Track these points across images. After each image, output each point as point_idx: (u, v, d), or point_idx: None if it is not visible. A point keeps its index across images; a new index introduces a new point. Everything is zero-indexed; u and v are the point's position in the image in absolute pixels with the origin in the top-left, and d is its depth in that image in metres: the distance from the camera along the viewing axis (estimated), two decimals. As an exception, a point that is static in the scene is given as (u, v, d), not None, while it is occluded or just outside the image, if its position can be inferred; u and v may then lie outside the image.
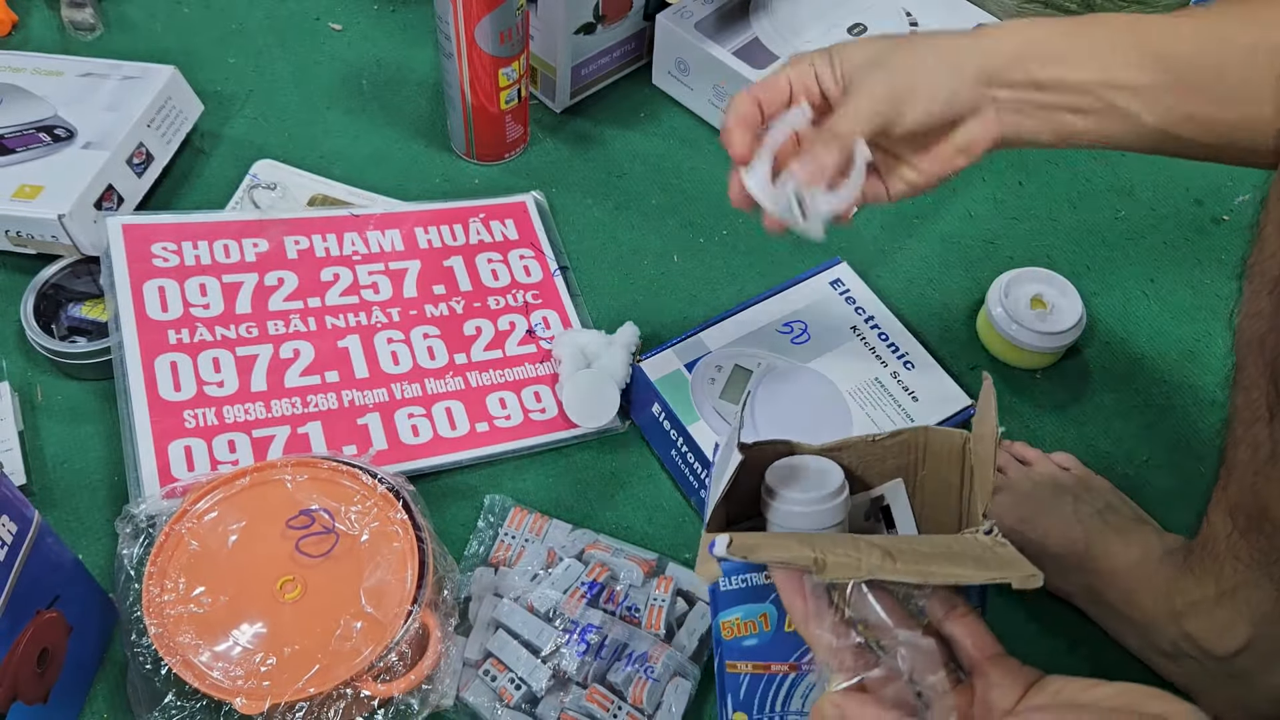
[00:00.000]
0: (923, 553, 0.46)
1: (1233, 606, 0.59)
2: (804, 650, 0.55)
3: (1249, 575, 0.58)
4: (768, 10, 0.96)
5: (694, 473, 0.71)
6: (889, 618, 0.46)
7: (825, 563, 0.44)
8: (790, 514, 0.54)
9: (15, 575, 0.53)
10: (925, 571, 0.44)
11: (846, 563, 0.44)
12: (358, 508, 0.63)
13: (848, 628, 0.46)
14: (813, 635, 0.47)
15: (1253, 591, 0.58)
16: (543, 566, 0.67)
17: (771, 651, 0.55)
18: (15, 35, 0.98)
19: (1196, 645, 0.61)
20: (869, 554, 0.45)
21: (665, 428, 0.72)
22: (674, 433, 0.72)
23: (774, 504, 0.55)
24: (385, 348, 0.77)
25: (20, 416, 0.73)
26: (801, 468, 0.57)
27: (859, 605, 0.46)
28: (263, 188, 0.87)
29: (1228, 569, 0.59)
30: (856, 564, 0.44)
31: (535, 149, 0.94)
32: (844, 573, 0.44)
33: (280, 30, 1.01)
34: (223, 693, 0.55)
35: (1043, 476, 0.72)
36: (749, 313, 0.78)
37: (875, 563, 0.44)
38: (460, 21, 0.80)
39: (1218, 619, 0.60)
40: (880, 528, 0.61)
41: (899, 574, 0.44)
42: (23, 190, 0.76)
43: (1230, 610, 0.60)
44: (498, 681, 0.62)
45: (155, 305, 0.73)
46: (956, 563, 0.45)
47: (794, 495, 0.54)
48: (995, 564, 0.46)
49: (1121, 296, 0.88)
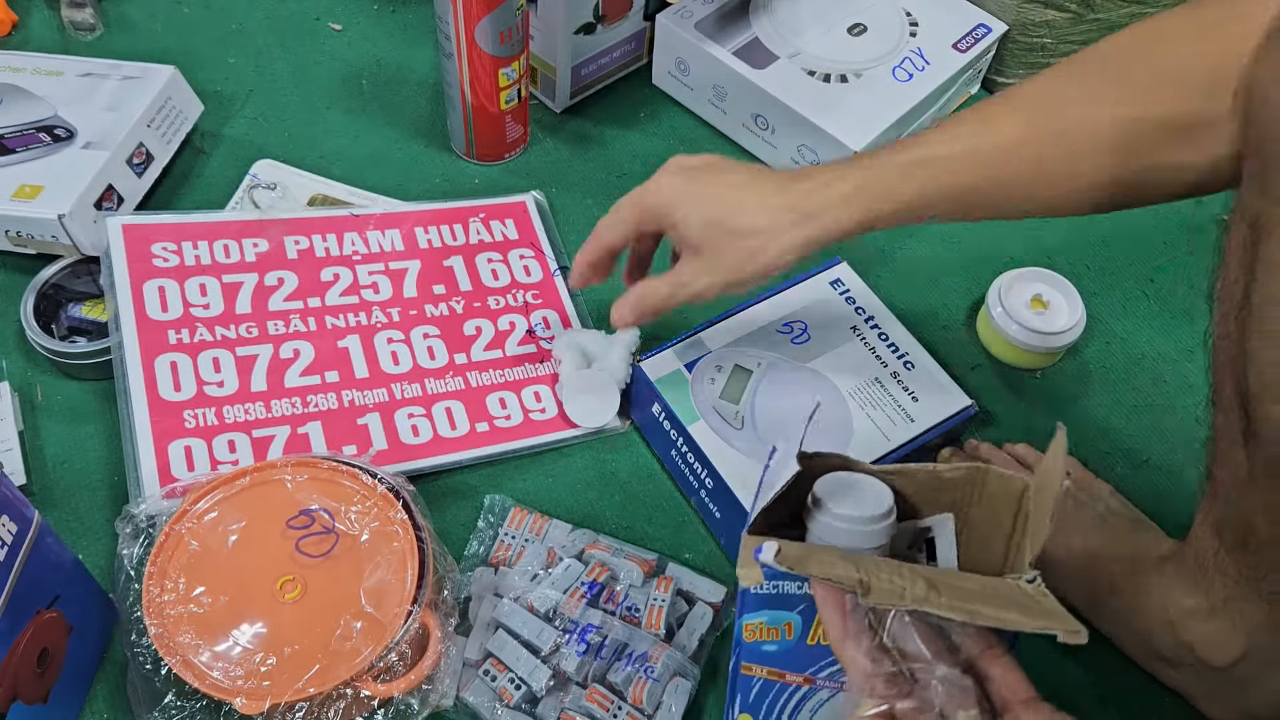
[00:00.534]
0: (967, 590, 0.46)
1: (1226, 619, 0.59)
2: (821, 665, 0.54)
3: (1238, 590, 0.58)
4: (768, 10, 0.96)
5: (694, 473, 0.71)
6: (927, 649, 0.46)
7: (870, 585, 0.44)
8: (834, 529, 0.53)
9: (15, 575, 0.53)
10: (970, 610, 0.43)
11: (891, 589, 0.44)
12: (358, 508, 0.63)
13: (884, 654, 0.46)
14: (848, 656, 0.47)
15: (1244, 605, 0.58)
16: (543, 566, 0.67)
17: (790, 661, 0.55)
18: (15, 35, 0.98)
19: (1194, 655, 0.61)
20: (914, 583, 0.44)
21: (665, 428, 0.72)
22: (674, 432, 0.71)
23: (819, 515, 0.54)
24: (385, 348, 0.77)
25: (20, 416, 0.73)
26: (854, 485, 0.55)
27: (899, 633, 0.46)
28: (263, 188, 0.87)
29: (1217, 584, 0.59)
30: (901, 592, 0.44)
31: (535, 149, 0.94)
32: (889, 599, 0.44)
33: (280, 30, 1.01)
34: (223, 693, 0.55)
35: None
36: (748, 313, 0.78)
37: (920, 593, 0.44)
38: (460, 21, 0.80)
39: (1212, 631, 0.60)
40: (921, 559, 0.59)
41: (944, 609, 0.43)
42: (23, 190, 0.76)
43: (1224, 622, 0.59)
44: (498, 681, 0.62)
45: (155, 305, 0.73)
46: (1001, 606, 0.44)
47: (841, 511, 0.53)
48: (1040, 614, 0.45)
49: (1121, 296, 0.88)
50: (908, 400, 0.74)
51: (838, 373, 0.75)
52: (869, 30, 0.96)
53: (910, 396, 0.74)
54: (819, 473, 0.56)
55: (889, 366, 0.76)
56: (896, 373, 0.76)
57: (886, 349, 0.77)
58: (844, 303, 0.80)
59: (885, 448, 0.72)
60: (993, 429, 0.79)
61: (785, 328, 0.77)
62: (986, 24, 0.97)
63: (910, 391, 0.75)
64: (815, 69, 0.92)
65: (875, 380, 0.75)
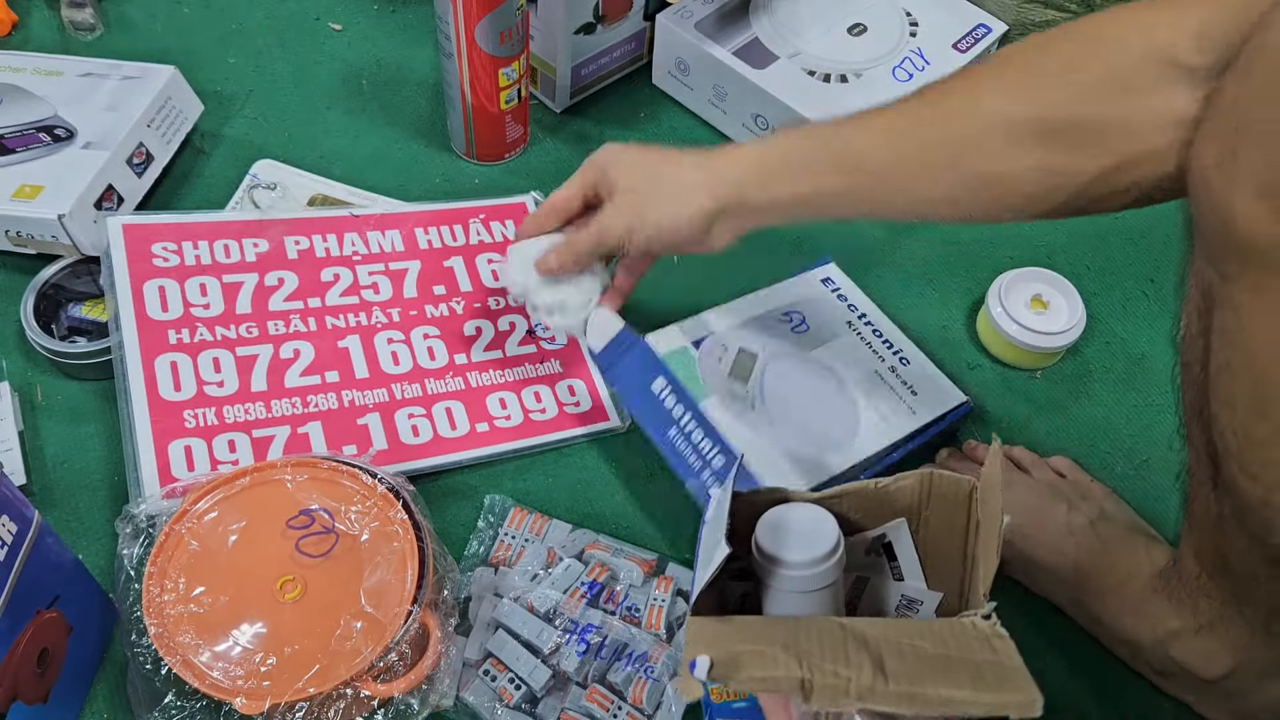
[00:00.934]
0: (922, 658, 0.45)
1: (1213, 638, 0.60)
2: None
3: (1222, 611, 0.58)
4: (768, 10, 0.96)
5: (699, 452, 0.68)
6: None
7: (813, 685, 0.43)
8: (787, 578, 0.53)
9: (15, 575, 0.53)
10: (917, 696, 0.43)
11: (835, 685, 0.43)
12: (358, 508, 0.63)
13: None
14: None
15: (1229, 627, 0.59)
16: (543, 566, 0.67)
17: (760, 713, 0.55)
18: (15, 35, 0.98)
19: (1183, 668, 0.62)
20: (860, 670, 0.44)
21: (667, 405, 0.70)
22: (679, 408, 0.69)
23: (770, 568, 0.53)
24: (385, 348, 0.77)
25: (20, 416, 0.73)
26: (795, 521, 0.55)
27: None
28: (263, 188, 0.87)
29: (1202, 605, 0.59)
30: (845, 686, 0.43)
31: (535, 149, 0.94)
32: (831, 699, 0.43)
33: (280, 30, 1.01)
34: (223, 693, 0.55)
35: (1038, 483, 0.72)
36: (749, 299, 0.78)
37: (866, 683, 0.43)
38: (460, 21, 0.80)
39: (1200, 647, 0.60)
40: (882, 563, 0.60)
41: (891, 701, 0.43)
42: (23, 190, 0.76)
43: (1211, 640, 0.60)
44: (498, 681, 0.62)
45: (155, 305, 0.73)
46: (953, 681, 0.44)
47: (791, 558, 0.53)
48: (994, 681, 0.44)
49: (1121, 296, 0.88)
50: (907, 394, 0.75)
51: (840, 362, 0.75)
52: (869, 30, 0.96)
53: (909, 390, 0.75)
54: (761, 509, 0.56)
55: (885, 361, 0.76)
56: (894, 367, 0.76)
57: (882, 344, 0.77)
58: (836, 300, 0.80)
59: (891, 437, 0.72)
60: (992, 429, 0.79)
61: (785, 316, 0.77)
62: (986, 24, 0.97)
63: (909, 385, 0.75)
64: (815, 69, 0.92)
65: (875, 373, 0.75)
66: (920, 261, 0.89)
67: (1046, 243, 0.90)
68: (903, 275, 0.87)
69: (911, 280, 0.87)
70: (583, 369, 0.79)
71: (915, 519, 0.58)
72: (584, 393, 0.78)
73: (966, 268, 0.88)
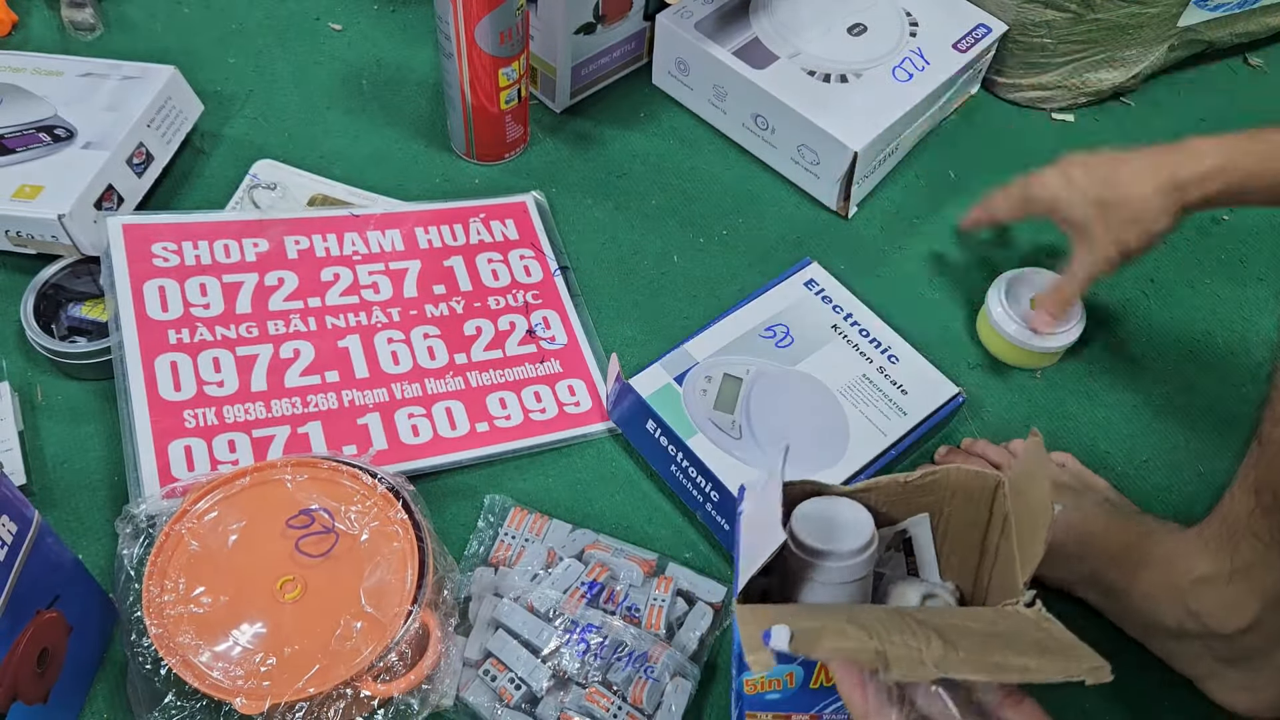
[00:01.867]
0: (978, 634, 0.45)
1: (1244, 584, 0.60)
2: (826, 704, 0.54)
3: (1265, 554, 0.59)
4: (768, 10, 0.96)
5: (697, 487, 0.70)
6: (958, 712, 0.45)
7: (889, 657, 0.42)
8: (825, 569, 0.54)
9: (15, 575, 0.53)
10: (993, 665, 0.42)
11: (909, 656, 0.43)
12: (357, 507, 0.63)
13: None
14: None
15: (1265, 572, 0.59)
16: (543, 566, 0.67)
17: (794, 704, 0.55)
18: (15, 35, 0.98)
19: (1201, 623, 0.62)
20: (929, 643, 0.43)
21: (662, 444, 0.71)
22: (672, 448, 0.70)
23: (809, 560, 0.54)
24: (385, 348, 0.77)
25: (20, 416, 0.73)
26: (830, 514, 0.56)
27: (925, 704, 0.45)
28: (263, 188, 0.87)
29: (1244, 546, 0.59)
30: (920, 658, 0.42)
31: (535, 149, 0.94)
32: (909, 670, 0.42)
33: (280, 30, 1.01)
34: (223, 693, 0.55)
35: None
36: (730, 321, 0.78)
37: (938, 654, 0.43)
38: (460, 21, 0.80)
39: (1227, 596, 0.60)
40: (900, 558, 0.60)
41: (967, 669, 0.42)
42: (23, 190, 0.76)
43: (1241, 588, 0.60)
44: (498, 681, 0.62)
45: (155, 305, 0.73)
46: (1019, 650, 0.43)
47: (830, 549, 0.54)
48: (1057, 651, 0.44)
49: (1121, 296, 0.88)
50: (897, 394, 0.74)
51: (826, 372, 0.75)
52: (869, 30, 0.96)
53: (899, 390, 0.75)
54: (794, 500, 0.56)
55: (874, 362, 0.76)
56: (882, 367, 0.76)
57: (869, 344, 0.77)
58: (821, 302, 0.80)
59: (883, 443, 0.72)
60: (992, 429, 0.79)
61: (768, 332, 0.77)
62: (986, 24, 0.97)
63: (899, 385, 0.75)
64: (815, 69, 0.92)
65: (863, 377, 0.75)
66: (920, 261, 0.89)
67: (1046, 243, 0.90)
68: (903, 275, 0.87)
69: (912, 281, 0.87)
70: (583, 369, 0.79)
71: (937, 514, 0.59)
72: (584, 393, 0.78)
73: (966, 268, 0.88)
